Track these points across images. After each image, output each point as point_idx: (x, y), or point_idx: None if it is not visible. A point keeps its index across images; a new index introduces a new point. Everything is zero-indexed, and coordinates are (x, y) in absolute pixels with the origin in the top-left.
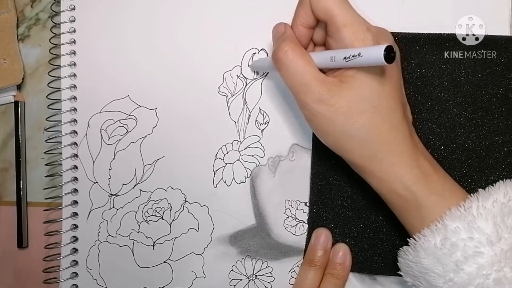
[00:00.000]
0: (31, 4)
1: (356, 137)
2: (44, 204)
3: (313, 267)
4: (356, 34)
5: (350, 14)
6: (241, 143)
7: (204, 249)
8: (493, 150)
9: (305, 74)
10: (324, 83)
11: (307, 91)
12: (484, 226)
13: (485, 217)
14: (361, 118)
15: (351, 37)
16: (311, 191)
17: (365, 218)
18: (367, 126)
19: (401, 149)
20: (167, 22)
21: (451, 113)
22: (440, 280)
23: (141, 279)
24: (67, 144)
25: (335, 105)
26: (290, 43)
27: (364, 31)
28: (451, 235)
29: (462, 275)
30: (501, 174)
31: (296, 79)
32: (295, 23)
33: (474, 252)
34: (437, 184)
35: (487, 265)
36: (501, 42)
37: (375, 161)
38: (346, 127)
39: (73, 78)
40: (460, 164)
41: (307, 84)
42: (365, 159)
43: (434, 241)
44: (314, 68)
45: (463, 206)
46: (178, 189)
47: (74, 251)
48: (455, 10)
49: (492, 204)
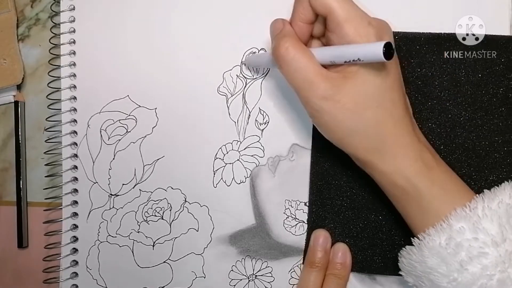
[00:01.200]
0: (31, 4)
1: (361, 132)
2: (44, 204)
3: (314, 269)
4: (358, 30)
5: (351, 9)
6: (241, 143)
7: (204, 249)
8: (492, 150)
9: (308, 70)
10: (327, 79)
11: (311, 88)
12: (489, 227)
13: (490, 218)
14: (366, 114)
15: (353, 33)
16: (311, 191)
17: (365, 218)
18: (372, 121)
19: (404, 142)
20: (167, 22)
21: (451, 113)
22: (443, 280)
23: (141, 279)
24: (67, 144)
25: (340, 101)
26: (290, 39)
27: (366, 26)
28: (456, 235)
29: (466, 275)
30: (500, 174)
31: (299, 75)
32: (294, 19)
33: (479, 252)
34: (439, 177)
35: (491, 265)
36: (501, 42)
37: (379, 155)
38: (351, 123)
39: (73, 78)
40: (459, 164)
41: (310, 80)
42: (369, 153)
43: (439, 240)
44: (316, 64)
45: (468, 207)
46: (178, 189)
47: (74, 251)
48: (455, 10)
49: (498, 205)
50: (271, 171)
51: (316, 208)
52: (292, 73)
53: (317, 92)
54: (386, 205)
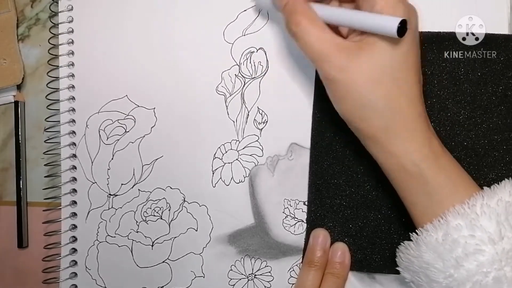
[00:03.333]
0: (31, 4)
1: (374, 105)
2: (44, 204)
3: (313, 268)
4: (388, 2)
5: None
6: (240, 142)
7: (203, 249)
8: (491, 148)
9: (322, 42)
10: (343, 50)
11: (326, 59)
12: (487, 225)
13: (488, 215)
14: (379, 87)
15: (382, 4)
16: (310, 190)
17: (364, 217)
18: (385, 96)
19: (414, 126)
20: (165, 22)
21: (450, 111)
22: (440, 275)
23: (140, 279)
24: (65, 145)
25: (355, 72)
26: (301, 12)
27: (397, 2)
28: (453, 232)
29: (462, 271)
30: (499, 173)
31: (314, 48)
32: None
33: (475, 249)
34: (446, 166)
35: (487, 263)
36: (500, 40)
37: (387, 133)
38: (364, 95)
39: (72, 78)
40: (459, 162)
41: (326, 53)
42: (377, 130)
43: (436, 236)
44: (330, 34)
45: (467, 204)
46: (177, 188)
47: (73, 251)
48: (455, 10)
49: (497, 202)
50: (270, 171)
51: (315, 207)
52: (307, 46)
53: (332, 64)
54: (385, 204)
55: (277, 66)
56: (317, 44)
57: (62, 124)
